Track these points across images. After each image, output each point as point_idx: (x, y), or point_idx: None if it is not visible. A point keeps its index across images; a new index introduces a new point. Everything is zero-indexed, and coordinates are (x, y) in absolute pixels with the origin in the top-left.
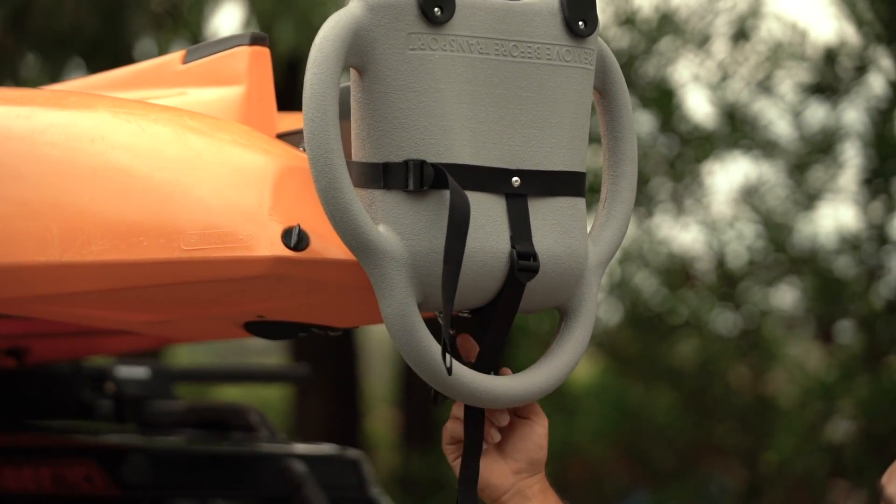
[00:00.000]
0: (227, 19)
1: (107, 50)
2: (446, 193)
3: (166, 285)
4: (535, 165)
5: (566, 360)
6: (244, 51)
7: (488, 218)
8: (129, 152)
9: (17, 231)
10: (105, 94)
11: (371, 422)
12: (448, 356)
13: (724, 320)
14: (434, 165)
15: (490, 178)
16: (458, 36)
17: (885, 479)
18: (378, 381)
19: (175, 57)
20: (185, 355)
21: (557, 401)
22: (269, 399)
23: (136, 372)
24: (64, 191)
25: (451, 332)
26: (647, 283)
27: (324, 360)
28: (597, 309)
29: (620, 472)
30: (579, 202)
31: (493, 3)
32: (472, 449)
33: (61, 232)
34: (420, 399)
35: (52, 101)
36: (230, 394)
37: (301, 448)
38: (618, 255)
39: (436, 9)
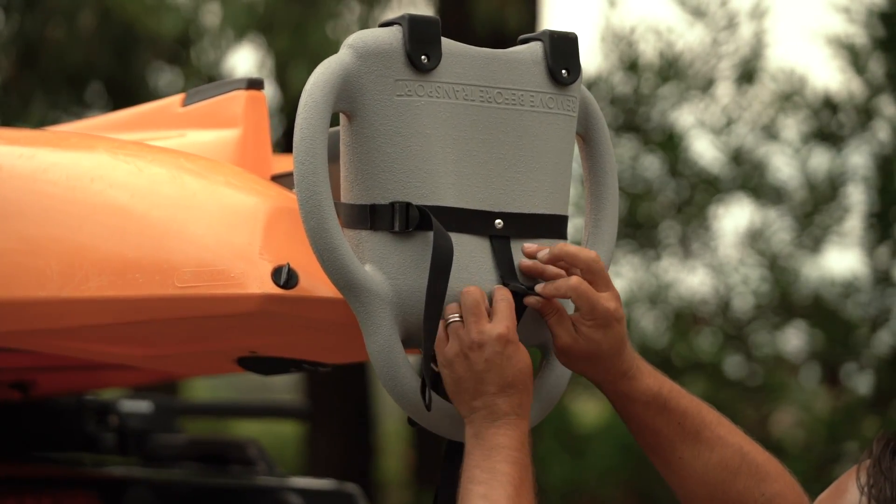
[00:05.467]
0: (243, 61)
1: (119, 86)
2: (431, 235)
3: (161, 321)
4: (517, 208)
5: (547, 398)
6: (241, 95)
7: (472, 258)
8: (127, 191)
9: (18, 267)
10: (105, 136)
11: (384, 459)
12: (428, 392)
13: (732, 363)
14: (419, 207)
15: (474, 221)
16: (445, 83)
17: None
18: (392, 419)
19: (175, 100)
20: (204, 390)
21: (566, 441)
22: (284, 435)
23: (139, 406)
24: (64, 228)
25: (433, 368)
26: (654, 325)
27: (338, 397)
28: None
29: None
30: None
31: (478, 51)
32: (447, 486)
33: (60, 268)
34: (432, 438)
35: (53, 141)
36: (247, 429)
37: (298, 482)
38: (624, 297)
39: (423, 57)
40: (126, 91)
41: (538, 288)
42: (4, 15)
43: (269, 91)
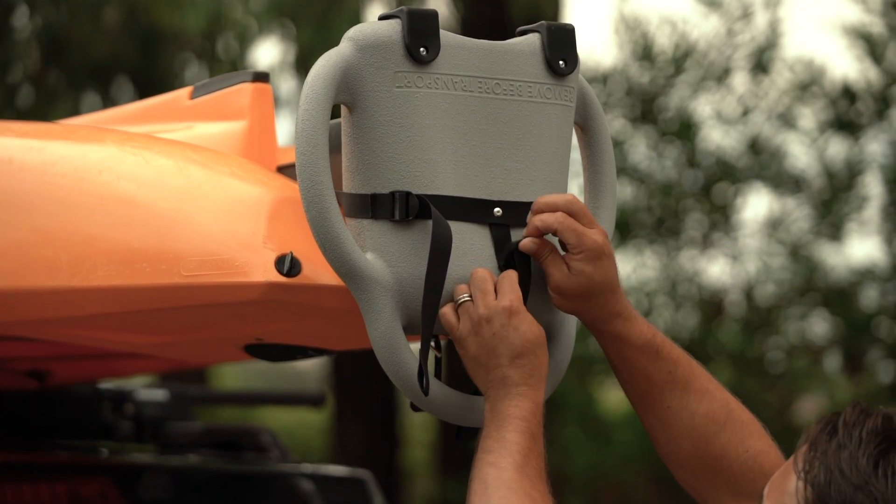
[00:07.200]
0: (267, 53)
1: (145, 80)
2: (431, 223)
3: (168, 309)
4: (516, 197)
5: (553, 373)
6: (247, 87)
7: (471, 246)
8: (134, 183)
9: (29, 257)
10: (114, 128)
11: (409, 449)
12: (426, 377)
13: (753, 351)
14: (419, 197)
15: (473, 209)
16: (443, 74)
17: (766, 489)
18: None
19: (183, 93)
20: (234, 380)
21: (589, 428)
22: (311, 425)
23: (154, 394)
24: (72, 219)
25: (437, 354)
26: (676, 314)
27: (363, 387)
28: (575, 334)
29: (650, 498)
30: None
31: (476, 42)
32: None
33: (70, 258)
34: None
35: (62, 134)
36: (276, 418)
37: (309, 468)
38: (647, 287)
39: (421, 49)
40: (152, 85)
41: (526, 230)
42: (30, 10)
43: (292, 84)
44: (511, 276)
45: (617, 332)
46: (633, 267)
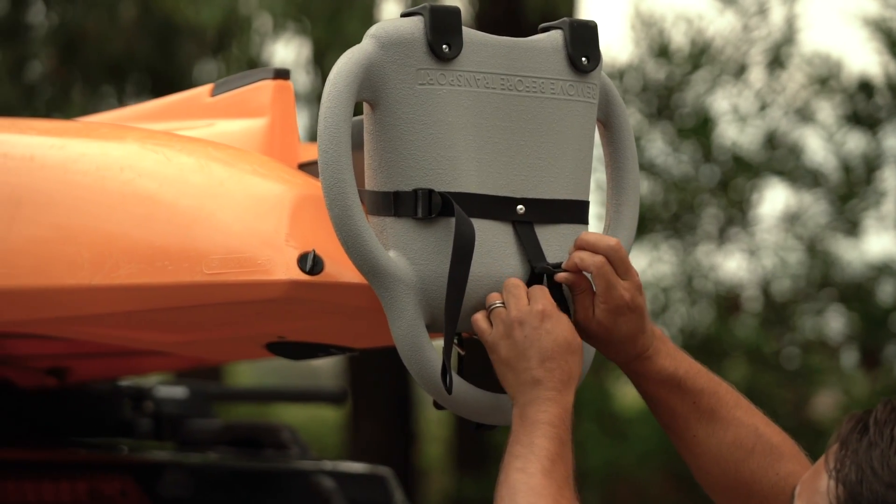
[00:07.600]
0: (282, 50)
1: (161, 77)
2: (454, 221)
3: (189, 307)
4: (539, 194)
5: None
6: (268, 84)
7: (495, 243)
8: (156, 180)
9: (51, 255)
10: (135, 126)
11: (426, 445)
12: (449, 375)
13: (770, 347)
14: (442, 194)
15: (496, 206)
16: (466, 71)
17: (798, 489)
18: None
19: (204, 90)
20: (250, 377)
21: (606, 425)
22: (328, 421)
23: (174, 392)
24: (94, 217)
25: (461, 352)
26: (692, 310)
27: (380, 383)
28: None
29: (667, 494)
30: (583, 229)
31: (499, 39)
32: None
33: (92, 256)
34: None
35: (83, 132)
36: (292, 415)
37: (330, 465)
38: (664, 282)
39: (444, 46)
40: (168, 81)
41: (565, 263)
42: (45, 7)
43: (308, 80)
44: (543, 288)
45: (635, 370)
46: (649, 262)
